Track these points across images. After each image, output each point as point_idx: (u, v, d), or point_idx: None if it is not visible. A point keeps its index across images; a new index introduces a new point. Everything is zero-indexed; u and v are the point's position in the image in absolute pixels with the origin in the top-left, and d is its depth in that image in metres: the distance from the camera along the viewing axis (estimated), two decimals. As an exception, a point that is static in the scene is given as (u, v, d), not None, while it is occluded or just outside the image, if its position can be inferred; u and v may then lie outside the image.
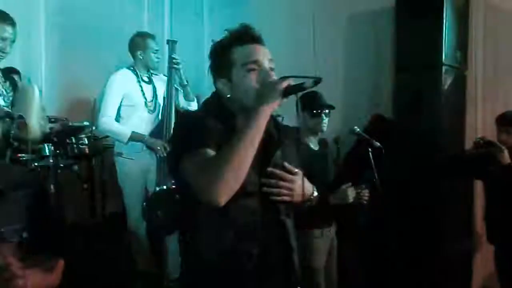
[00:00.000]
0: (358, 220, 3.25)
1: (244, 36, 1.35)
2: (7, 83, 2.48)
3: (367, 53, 4.16)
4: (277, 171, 1.35)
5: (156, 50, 3.18)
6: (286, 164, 1.37)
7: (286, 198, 1.35)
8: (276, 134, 1.41)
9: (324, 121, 2.50)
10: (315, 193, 1.46)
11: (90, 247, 3.60)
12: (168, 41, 3.19)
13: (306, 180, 1.42)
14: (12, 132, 2.02)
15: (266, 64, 1.34)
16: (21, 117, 2.06)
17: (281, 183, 1.34)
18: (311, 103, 2.43)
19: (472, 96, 3.51)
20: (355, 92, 4.08)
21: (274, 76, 1.32)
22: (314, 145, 2.53)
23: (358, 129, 2.65)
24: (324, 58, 4.41)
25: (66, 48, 3.88)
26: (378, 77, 4.02)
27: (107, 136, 3.53)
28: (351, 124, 3.12)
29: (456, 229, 3.36)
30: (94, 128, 3.43)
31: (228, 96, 1.35)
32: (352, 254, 3.28)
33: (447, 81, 3.28)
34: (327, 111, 2.51)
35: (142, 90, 3.12)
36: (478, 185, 3.44)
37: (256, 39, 1.37)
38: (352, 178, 3.46)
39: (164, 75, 3.25)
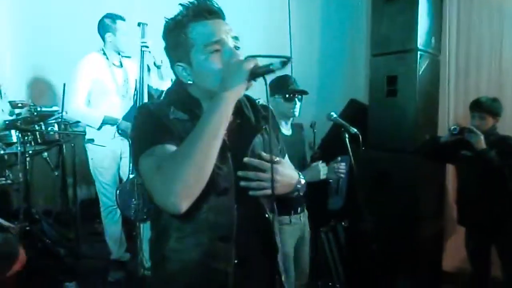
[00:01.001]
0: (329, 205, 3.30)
1: (202, 10, 1.15)
2: None
3: (342, 37, 4.16)
4: (255, 161, 1.17)
5: (126, 33, 3.06)
6: (262, 153, 1.19)
7: (267, 191, 1.16)
8: (253, 118, 1.25)
9: (296, 105, 2.42)
10: (302, 180, 1.28)
11: (63, 235, 3.54)
12: (139, 24, 3.07)
13: (290, 167, 1.29)
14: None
15: (230, 42, 1.16)
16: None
17: (261, 174, 1.16)
18: (283, 87, 2.37)
19: (445, 81, 3.55)
20: (331, 76, 4.08)
21: (241, 57, 1.13)
22: (286, 130, 2.47)
23: (335, 115, 2.64)
24: (299, 42, 4.38)
25: (34, 31, 3.72)
26: (353, 62, 4.03)
27: (78, 122, 3.43)
28: (326, 109, 3.12)
29: (429, 211, 3.44)
30: (64, 113, 3.32)
31: (190, 82, 1.18)
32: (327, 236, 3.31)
33: (421, 66, 3.31)
34: (299, 96, 2.45)
35: (113, 75, 3.01)
36: (450, 169, 3.51)
37: (216, 14, 1.17)
38: (327, 162, 3.49)
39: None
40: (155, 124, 1.13)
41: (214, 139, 1.03)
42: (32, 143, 3.33)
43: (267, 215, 1.23)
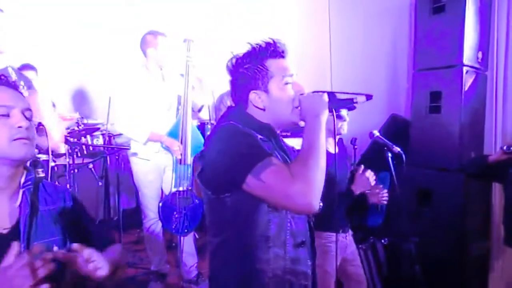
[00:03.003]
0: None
1: (279, 50, 1.36)
2: (22, 83, 2.38)
3: (384, 51, 4.10)
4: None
5: (168, 49, 3.13)
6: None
7: None
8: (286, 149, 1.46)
9: (345, 122, 2.45)
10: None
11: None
12: (185, 40, 3.14)
13: None
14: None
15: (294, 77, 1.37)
16: (40, 124, 2.02)
17: None
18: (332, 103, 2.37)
19: (492, 97, 3.44)
20: (371, 91, 4.02)
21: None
22: (332, 147, 2.45)
23: (378, 133, 2.61)
24: (339, 55, 4.36)
25: (80, 46, 3.88)
26: (395, 76, 3.97)
27: (121, 134, 3.53)
28: (367, 124, 3.08)
29: (475, 231, 3.32)
30: (109, 125, 3.44)
31: (262, 107, 1.34)
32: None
33: (467, 81, 3.21)
34: (347, 112, 2.45)
35: (156, 89, 3.09)
36: (497, 188, 3.39)
37: (285, 54, 1.38)
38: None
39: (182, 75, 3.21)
40: (256, 141, 1.26)
41: (324, 149, 1.24)
42: (79, 154, 3.45)
43: (311, 223, 1.46)
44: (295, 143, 1.84)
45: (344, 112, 2.44)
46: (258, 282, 1.27)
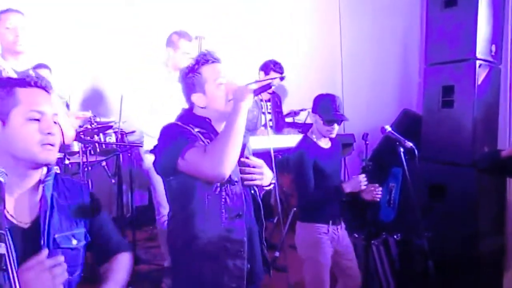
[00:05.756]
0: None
1: (209, 57, 1.65)
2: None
3: (395, 45, 4.07)
4: (250, 160, 1.65)
5: (188, 53, 3.13)
6: (250, 157, 1.67)
7: (258, 182, 1.63)
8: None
9: (334, 129, 2.50)
10: (274, 180, 1.74)
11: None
12: (196, 37, 3.13)
13: (267, 168, 1.70)
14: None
15: (230, 77, 1.65)
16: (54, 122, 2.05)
17: (254, 169, 1.63)
18: (325, 111, 2.44)
19: (506, 91, 3.39)
20: (383, 85, 4.00)
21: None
22: (325, 143, 2.57)
23: (390, 128, 2.59)
24: (349, 50, 4.33)
25: (93, 43, 3.91)
26: (407, 71, 3.94)
27: (133, 132, 3.56)
28: (378, 119, 3.07)
29: (488, 227, 3.29)
30: (121, 123, 3.47)
31: (203, 106, 1.64)
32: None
33: (480, 75, 3.18)
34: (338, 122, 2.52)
35: (171, 89, 3.10)
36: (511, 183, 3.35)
37: (217, 60, 1.67)
38: (379, 174, 3.43)
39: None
40: (187, 131, 1.56)
41: (240, 130, 1.49)
42: (92, 152, 3.49)
43: (258, 199, 1.72)
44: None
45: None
46: (197, 247, 1.56)
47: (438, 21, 3.36)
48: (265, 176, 1.66)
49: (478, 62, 3.15)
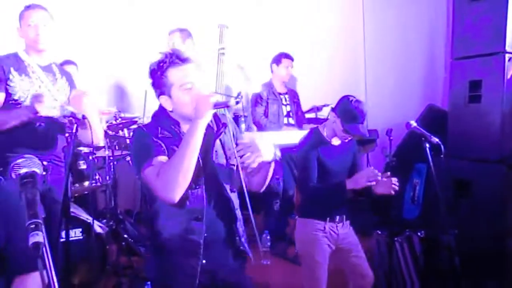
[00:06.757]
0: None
1: (176, 58, 1.58)
2: (64, 79, 2.45)
3: (420, 39, 4.00)
4: (243, 141, 1.63)
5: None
6: (242, 136, 1.69)
7: (259, 159, 1.58)
8: (215, 127, 1.68)
9: (350, 138, 2.41)
10: (278, 153, 1.67)
11: (143, 234, 3.75)
12: (219, 26, 3.11)
13: (266, 141, 1.65)
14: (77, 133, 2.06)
15: (198, 81, 1.59)
16: (84, 117, 2.10)
17: (248, 148, 1.57)
18: (348, 121, 2.30)
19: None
20: (407, 80, 3.94)
21: (206, 92, 1.57)
22: (334, 140, 2.44)
23: (415, 123, 2.55)
24: (373, 44, 4.28)
25: (116, 39, 3.97)
26: (432, 65, 3.87)
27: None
28: (402, 114, 3.03)
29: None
30: (145, 118, 3.52)
31: (170, 110, 1.62)
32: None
33: (509, 69, 3.10)
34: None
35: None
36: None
37: (186, 60, 1.60)
38: (403, 171, 3.38)
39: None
40: (149, 142, 1.57)
41: (194, 151, 1.50)
42: (117, 147, 3.56)
43: (227, 195, 1.68)
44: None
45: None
46: (160, 241, 1.64)
47: (465, 13, 3.29)
48: (265, 151, 1.60)
49: (507, 56, 3.07)
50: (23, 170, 1.08)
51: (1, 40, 3.00)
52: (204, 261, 1.62)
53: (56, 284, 0.89)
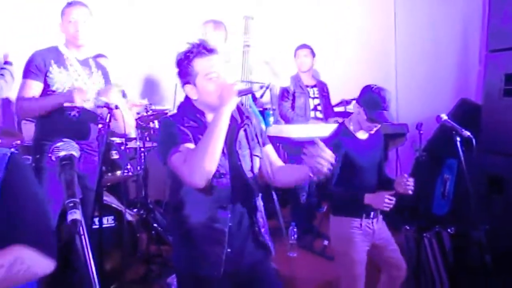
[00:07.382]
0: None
1: (203, 49, 1.63)
2: (99, 72, 2.55)
3: (453, 31, 3.89)
4: (314, 148, 1.55)
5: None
6: (317, 140, 1.58)
7: (325, 169, 1.55)
8: (239, 118, 1.72)
9: (375, 127, 2.32)
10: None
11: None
12: (244, 17, 3.12)
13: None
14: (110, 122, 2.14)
15: (223, 72, 1.65)
16: (117, 107, 2.18)
17: (320, 155, 1.53)
18: (371, 108, 2.23)
19: None
20: (439, 73, 3.85)
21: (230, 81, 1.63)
22: (361, 134, 2.38)
23: (446, 117, 2.50)
24: (404, 37, 4.20)
25: (147, 33, 4.05)
26: (465, 58, 3.76)
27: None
28: (434, 108, 2.97)
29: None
30: (175, 110, 3.58)
31: (195, 98, 1.67)
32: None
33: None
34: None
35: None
36: None
37: (212, 51, 1.65)
38: (433, 166, 3.31)
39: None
40: (176, 130, 1.61)
41: (219, 137, 1.53)
42: (148, 138, 3.64)
43: (250, 185, 1.71)
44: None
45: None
46: (185, 229, 1.67)
47: (502, 4, 3.19)
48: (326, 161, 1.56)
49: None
50: (62, 153, 1.12)
51: (44, 34, 3.11)
52: (229, 250, 1.65)
53: (92, 264, 0.93)
